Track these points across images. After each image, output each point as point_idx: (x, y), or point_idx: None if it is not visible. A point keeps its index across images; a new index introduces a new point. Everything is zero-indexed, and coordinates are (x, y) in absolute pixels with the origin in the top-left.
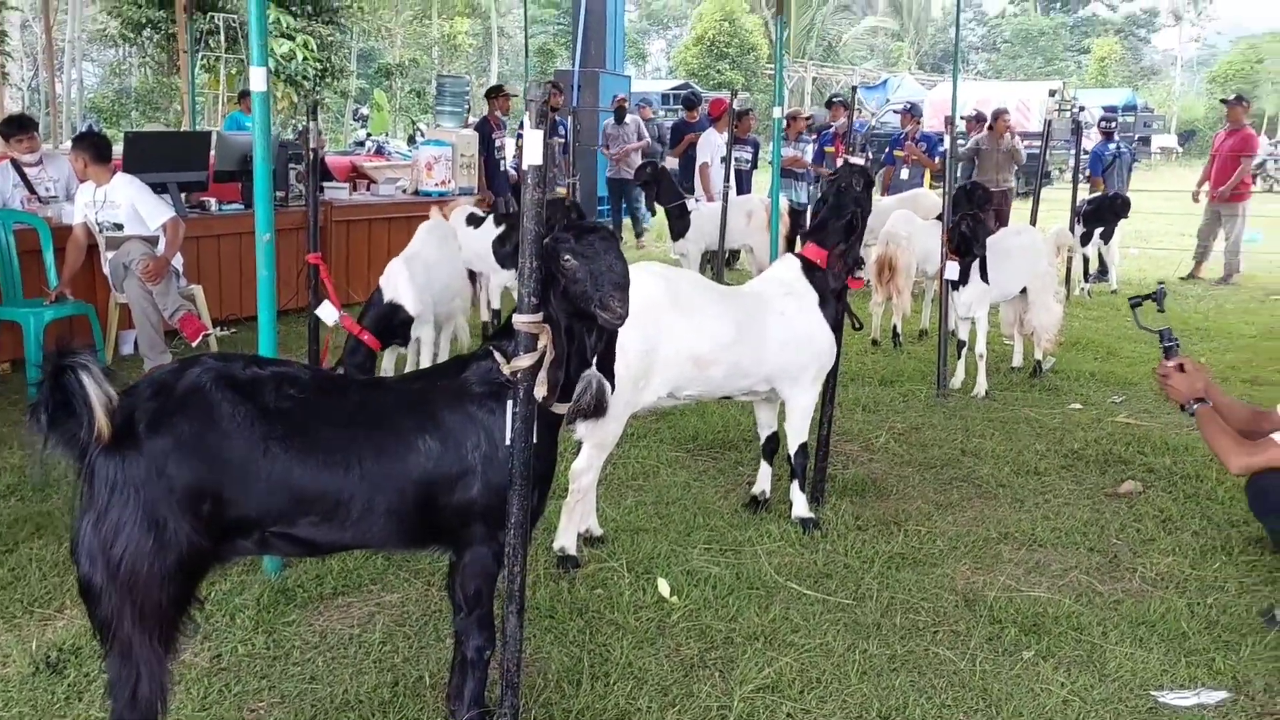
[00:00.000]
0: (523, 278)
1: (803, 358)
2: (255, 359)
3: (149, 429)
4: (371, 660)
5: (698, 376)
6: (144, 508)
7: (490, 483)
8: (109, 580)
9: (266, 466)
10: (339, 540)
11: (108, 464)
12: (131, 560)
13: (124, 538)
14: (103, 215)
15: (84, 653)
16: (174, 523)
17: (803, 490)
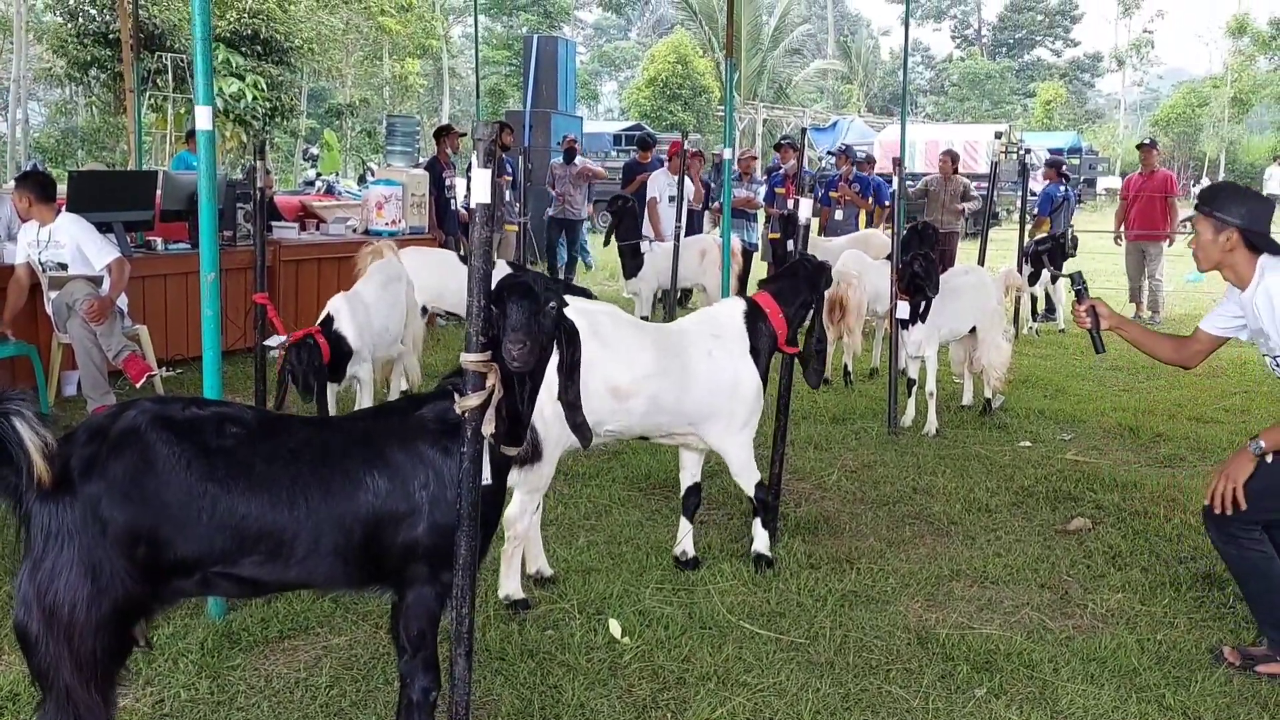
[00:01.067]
0: (470, 317)
1: (726, 401)
2: (195, 400)
3: (83, 474)
4: (318, 705)
5: (618, 409)
6: (79, 553)
7: (436, 523)
8: (45, 628)
9: (207, 506)
10: (283, 579)
11: (43, 510)
12: (68, 607)
13: (60, 584)
14: (46, 255)
15: (21, 699)
16: (110, 567)
17: (765, 528)
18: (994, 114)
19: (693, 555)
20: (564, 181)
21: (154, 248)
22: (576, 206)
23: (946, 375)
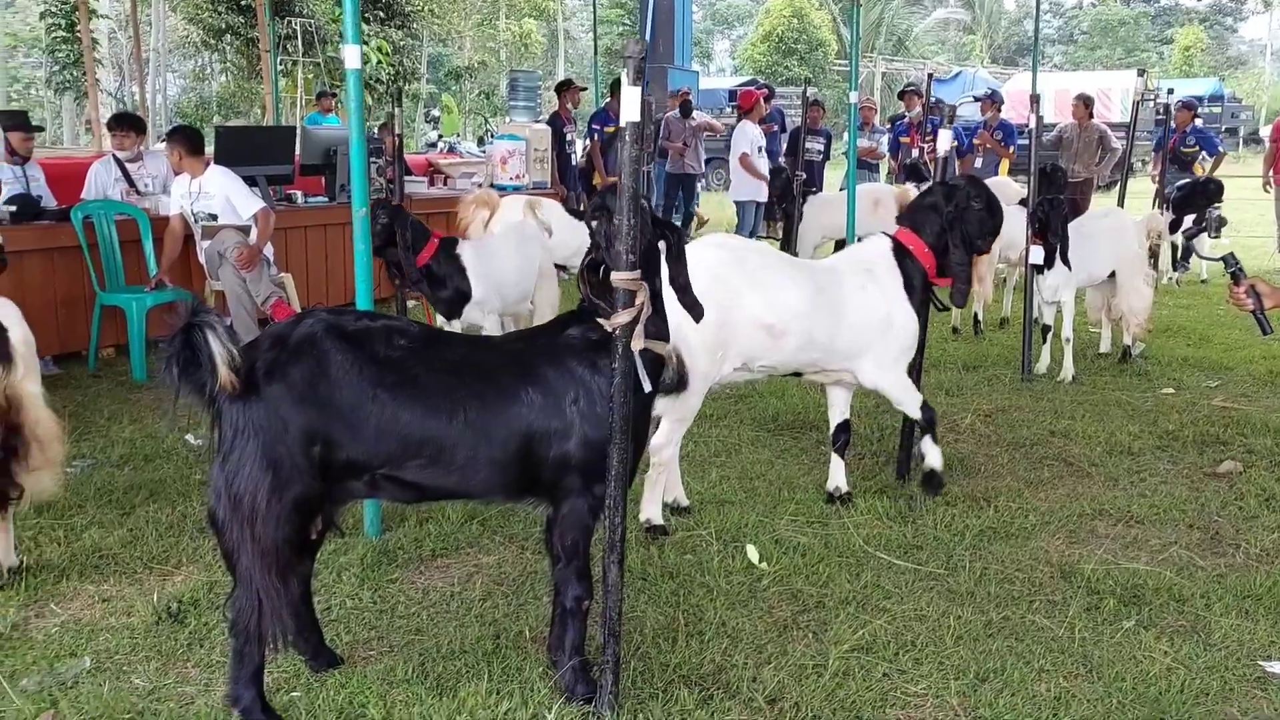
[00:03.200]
0: (621, 235)
1: (879, 337)
2: (366, 313)
3: (265, 377)
4: (473, 615)
5: (770, 346)
6: (262, 449)
7: (587, 437)
8: (231, 514)
9: (375, 412)
10: (443, 485)
11: (231, 409)
12: (250, 496)
13: (244, 475)
14: (198, 206)
15: (201, 605)
16: (289, 463)
17: (935, 443)
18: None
19: (846, 491)
20: (680, 136)
21: (294, 201)
22: (693, 161)
23: (1082, 325)
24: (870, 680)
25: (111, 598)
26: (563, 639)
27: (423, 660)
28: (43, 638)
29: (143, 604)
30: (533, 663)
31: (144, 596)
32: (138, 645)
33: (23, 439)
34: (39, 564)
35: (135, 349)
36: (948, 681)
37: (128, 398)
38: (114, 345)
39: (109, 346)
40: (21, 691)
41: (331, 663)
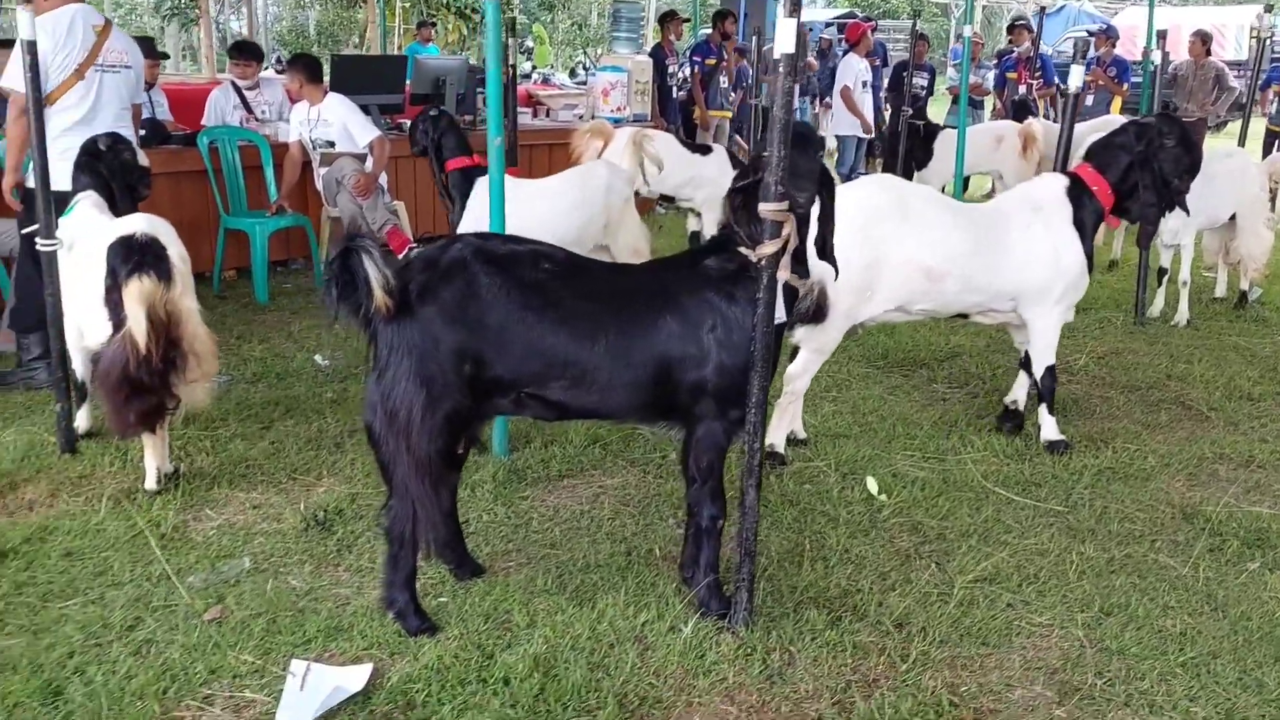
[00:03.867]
0: (770, 167)
1: (1045, 276)
2: (513, 237)
3: (418, 298)
4: (603, 533)
5: (930, 290)
6: (416, 366)
7: (723, 364)
8: (387, 427)
9: (521, 333)
10: (583, 405)
11: (387, 329)
12: (405, 410)
13: (399, 391)
14: (316, 133)
15: (346, 514)
16: (441, 380)
17: (1051, 414)
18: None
19: (1019, 407)
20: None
21: (404, 130)
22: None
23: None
24: (995, 610)
25: (261, 505)
26: (697, 557)
27: (560, 573)
28: (202, 539)
29: (291, 512)
30: (665, 579)
31: (291, 505)
32: (290, 550)
33: (181, 353)
34: (192, 471)
35: (258, 272)
36: (1072, 614)
37: (253, 319)
38: (236, 268)
39: (231, 269)
40: (190, 588)
41: (475, 571)
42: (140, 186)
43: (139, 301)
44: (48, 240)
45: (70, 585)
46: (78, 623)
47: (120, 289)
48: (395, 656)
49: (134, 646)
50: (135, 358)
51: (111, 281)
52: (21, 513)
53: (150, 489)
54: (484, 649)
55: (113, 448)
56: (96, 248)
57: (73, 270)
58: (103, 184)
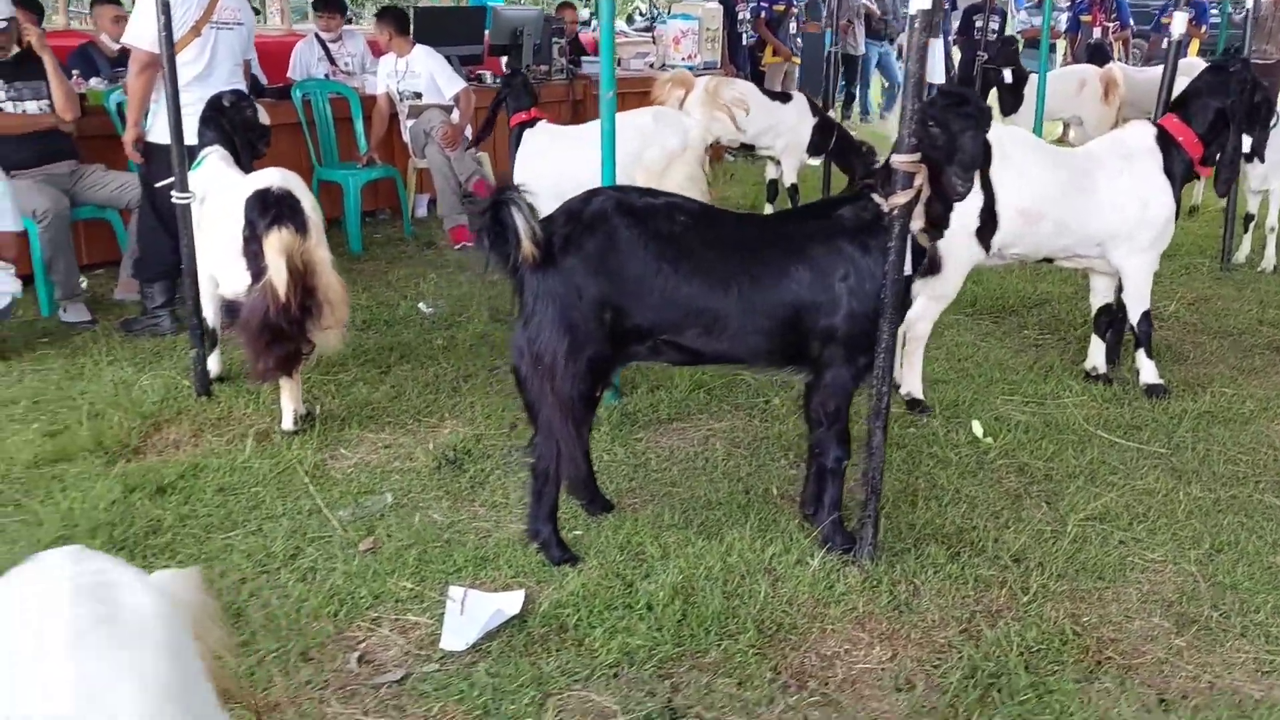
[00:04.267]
0: (903, 118)
1: (1134, 223)
2: (650, 190)
3: (562, 249)
4: (719, 473)
5: (1025, 232)
6: (559, 314)
7: (853, 311)
8: (532, 370)
9: (659, 283)
10: (716, 351)
11: (532, 278)
12: (549, 355)
13: (544, 337)
14: (404, 85)
15: (474, 453)
16: (583, 327)
17: (1150, 358)
18: None
19: (1103, 373)
20: (845, 14)
21: (483, 80)
22: (854, 41)
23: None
24: (1108, 547)
25: (391, 445)
26: (821, 496)
27: (684, 510)
28: (341, 477)
29: (421, 451)
30: (786, 516)
31: (420, 445)
32: (426, 486)
33: (316, 301)
34: (323, 413)
35: (352, 222)
36: (1184, 551)
37: (350, 268)
38: (328, 218)
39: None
40: (341, 521)
41: (605, 507)
42: (260, 143)
43: (279, 252)
44: (183, 194)
45: (228, 518)
46: (243, 552)
47: (260, 240)
48: (542, 584)
49: (299, 574)
50: (275, 306)
51: (250, 233)
52: (169, 451)
53: (287, 429)
54: (624, 578)
55: (245, 391)
56: (230, 201)
57: (206, 222)
58: (226, 139)
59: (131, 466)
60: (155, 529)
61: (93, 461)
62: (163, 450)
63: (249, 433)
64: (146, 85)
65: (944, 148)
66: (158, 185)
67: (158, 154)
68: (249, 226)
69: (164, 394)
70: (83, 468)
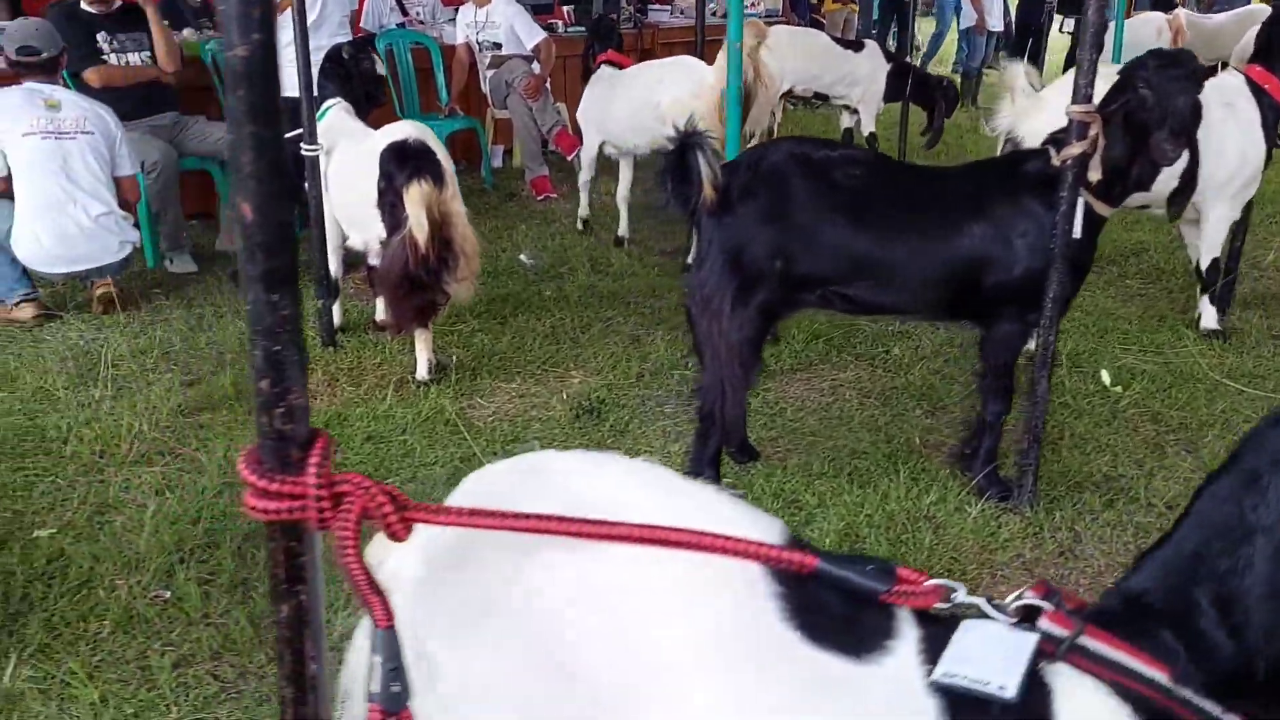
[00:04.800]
0: (1080, 69)
1: (1229, 170)
2: (827, 142)
3: (739, 197)
4: (857, 422)
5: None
6: (732, 260)
7: (1029, 268)
8: (702, 311)
9: (831, 234)
10: (885, 303)
11: (709, 222)
12: (719, 297)
13: (714, 279)
14: (483, 35)
15: (608, 403)
16: (754, 272)
17: (1213, 303)
18: None
19: (1215, 328)
20: None
21: (555, 30)
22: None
23: None
24: None
25: (525, 394)
26: (978, 447)
27: (831, 459)
28: (484, 425)
29: (556, 401)
30: (934, 465)
31: (554, 395)
32: (569, 435)
33: (453, 252)
34: (454, 364)
35: None
36: None
37: None
38: None
39: None
40: None
41: (752, 455)
42: (378, 94)
43: (419, 204)
44: (311, 145)
45: (382, 465)
46: None
47: (398, 193)
48: None
49: None
50: (415, 257)
51: (387, 185)
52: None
53: (422, 378)
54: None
55: (368, 341)
56: (360, 153)
57: (333, 174)
58: (347, 91)
59: None
60: None
61: (236, 409)
62: None
63: (384, 382)
64: None
65: (1154, 110)
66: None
67: None
68: (385, 179)
69: None
70: (227, 416)
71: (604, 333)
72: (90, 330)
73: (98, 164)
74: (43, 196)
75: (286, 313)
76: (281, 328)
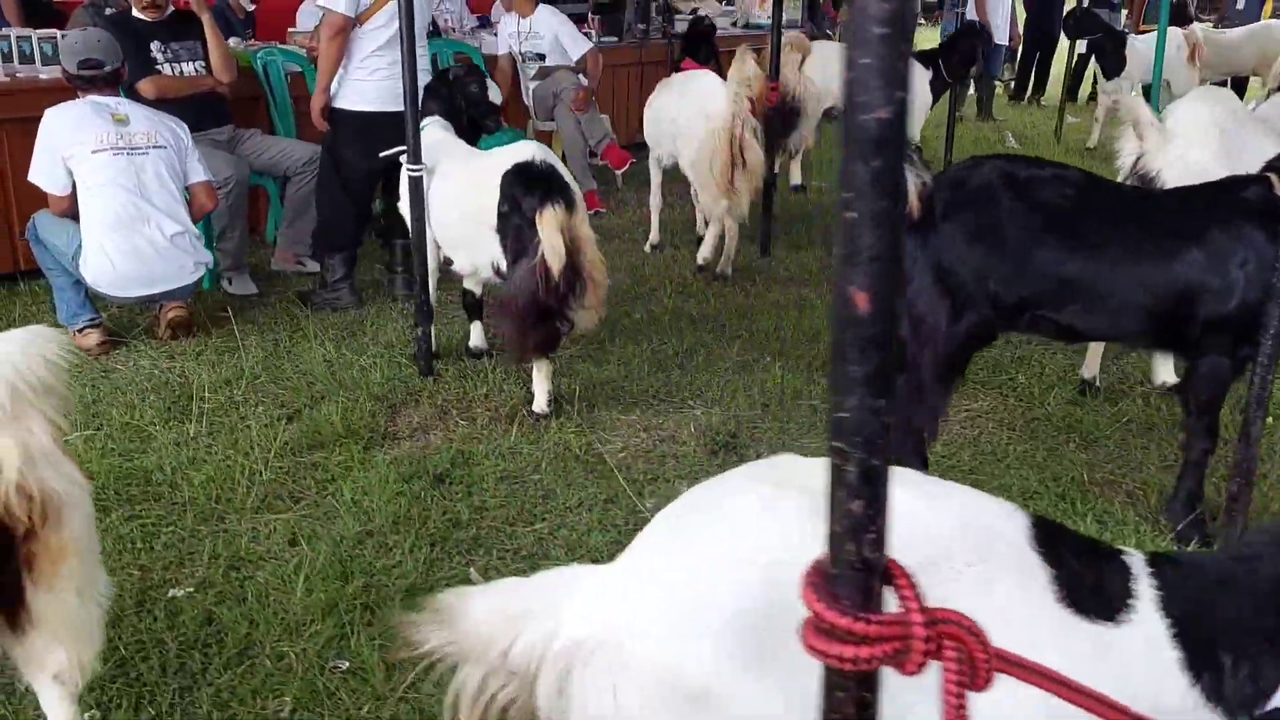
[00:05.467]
0: None
1: None
2: (1035, 160)
3: (944, 215)
4: (1014, 459)
5: None
6: (941, 279)
7: (1246, 301)
8: (911, 331)
9: (1042, 257)
10: (1094, 329)
11: (912, 239)
12: (929, 318)
13: (923, 299)
14: (526, 46)
15: (741, 436)
16: (963, 294)
17: None
18: None
19: None
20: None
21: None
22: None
23: None
24: None
25: (650, 427)
26: (1177, 488)
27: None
28: (616, 462)
29: (686, 435)
30: (1116, 507)
31: (679, 428)
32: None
33: (581, 280)
34: (563, 394)
35: None
36: None
37: None
38: None
39: None
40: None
41: None
42: (490, 120)
43: (555, 229)
44: (415, 165)
45: (525, 510)
46: (561, 546)
47: (527, 217)
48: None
49: None
50: (546, 285)
51: (511, 208)
52: (420, 436)
53: (541, 411)
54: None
55: (467, 370)
56: (471, 173)
57: (435, 193)
58: (450, 111)
59: (395, 454)
60: (455, 522)
61: (350, 448)
62: (412, 434)
63: (498, 415)
64: (339, 50)
65: None
66: (383, 155)
67: (344, 121)
68: (508, 202)
69: (387, 374)
70: (341, 455)
71: (709, 360)
72: (162, 358)
73: (172, 180)
74: (114, 215)
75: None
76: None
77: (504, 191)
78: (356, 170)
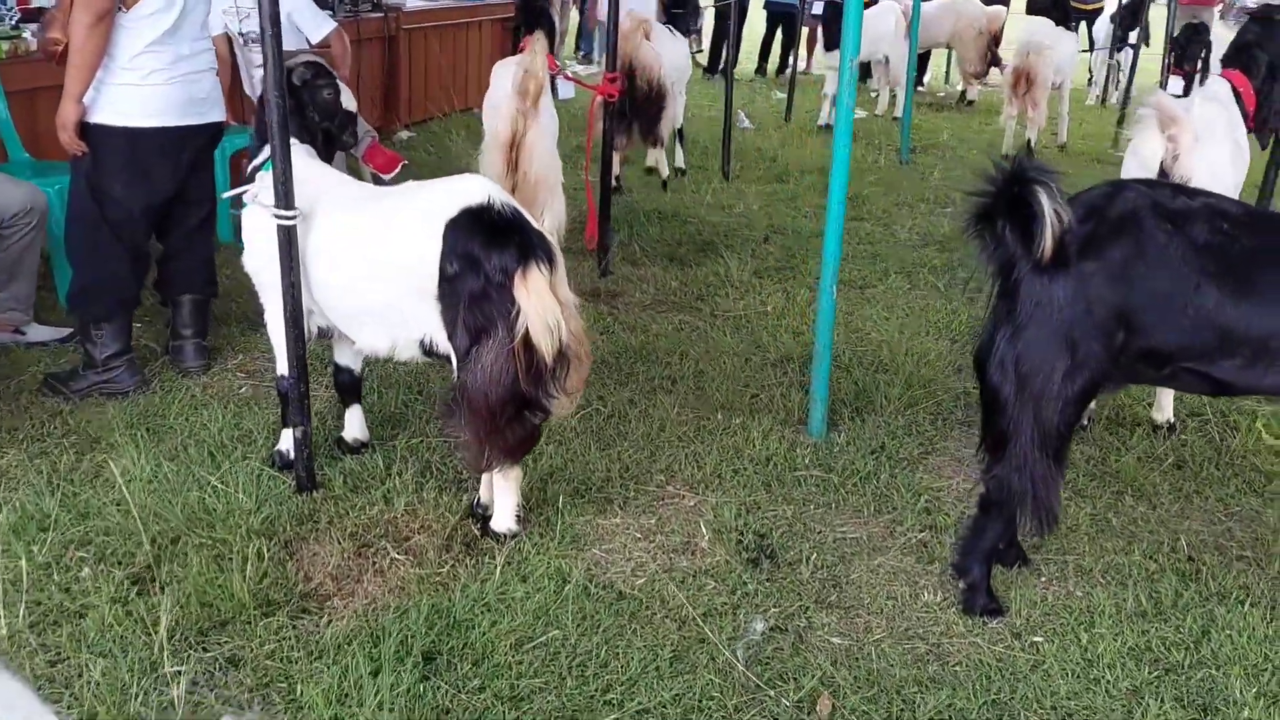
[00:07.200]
0: None
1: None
2: (1183, 188)
3: (1079, 252)
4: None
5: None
6: (1064, 328)
7: None
8: (1016, 391)
9: (1193, 301)
10: (1256, 385)
11: (1035, 280)
12: (1042, 376)
13: (1038, 353)
14: (246, 26)
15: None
16: (1089, 346)
17: None
18: None
19: None
20: None
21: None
22: None
23: None
24: None
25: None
26: None
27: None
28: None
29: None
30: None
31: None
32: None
33: (564, 358)
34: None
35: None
36: None
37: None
38: None
39: None
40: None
41: (1022, 559)
42: (345, 135)
43: (543, 298)
44: (287, 211)
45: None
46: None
47: (496, 281)
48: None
49: None
50: (527, 369)
51: (466, 270)
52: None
53: (508, 531)
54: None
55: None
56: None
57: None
58: (301, 127)
59: (341, 629)
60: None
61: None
62: (348, 595)
63: (446, 540)
64: (100, 44)
65: None
66: (225, 195)
67: (108, 141)
68: (462, 261)
69: (251, 492)
70: (264, 637)
71: (663, 424)
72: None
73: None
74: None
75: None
76: None
77: (449, 246)
78: (127, 207)
